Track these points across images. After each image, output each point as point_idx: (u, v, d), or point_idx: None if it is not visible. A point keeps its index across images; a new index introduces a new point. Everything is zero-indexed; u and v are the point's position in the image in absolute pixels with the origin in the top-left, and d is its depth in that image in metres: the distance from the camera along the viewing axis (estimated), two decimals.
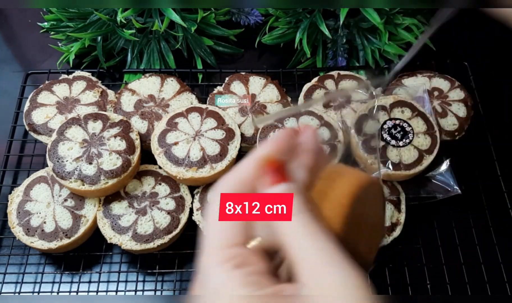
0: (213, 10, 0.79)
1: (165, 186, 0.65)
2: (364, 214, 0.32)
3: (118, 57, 0.79)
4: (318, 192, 0.31)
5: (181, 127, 0.66)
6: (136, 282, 0.62)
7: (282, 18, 0.79)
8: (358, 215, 0.31)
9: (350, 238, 0.30)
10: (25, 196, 0.64)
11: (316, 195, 0.31)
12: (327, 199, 0.30)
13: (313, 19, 0.75)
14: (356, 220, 0.30)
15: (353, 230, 0.30)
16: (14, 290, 0.61)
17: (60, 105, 0.70)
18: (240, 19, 0.82)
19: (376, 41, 0.77)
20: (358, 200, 0.30)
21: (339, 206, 0.30)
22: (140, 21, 0.76)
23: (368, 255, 0.32)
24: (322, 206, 0.30)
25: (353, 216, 0.30)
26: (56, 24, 0.80)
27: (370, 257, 0.33)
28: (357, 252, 0.30)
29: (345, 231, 0.29)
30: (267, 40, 0.80)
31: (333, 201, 0.30)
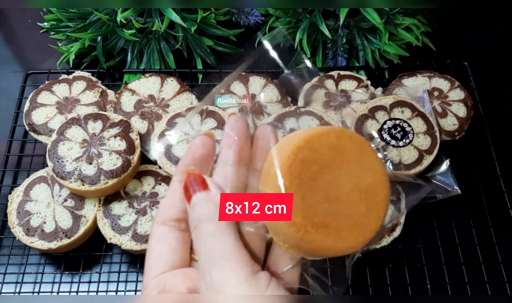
0: (213, 10, 0.79)
1: (165, 186, 0.65)
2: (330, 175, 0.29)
3: (118, 57, 0.79)
4: (263, 174, 0.30)
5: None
6: (136, 282, 0.62)
7: (282, 18, 0.79)
8: (316, 177, 0.29)
9: (314, 204, 0.28)
10: (25, 196, 0.64)
11: (262, 178, 0.30)
12: (269, 178, 0.29)
13: (313, 19, 0.75)
14: (318, 183, 0.29)
15: (316, 195, 0.29)
16: (14, 290, 0.61)
17: (60, 105, 0.70)
18: (240, 19, 0.82)
19: (376, 41, 0.77)
20: (302, 165, 0.29)
21: (276, 181, 0.28)
22: (140, 21, 0.76)
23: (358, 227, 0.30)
24: (268, 186, 0.29)
25: (301, 185, 0.28)
26: (56, 24, 0.80)
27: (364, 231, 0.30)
28: (331, 222, 0.28)
29: (301, 195, 0.28)
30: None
31: (272, 179, 0.29)
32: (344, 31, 0.77)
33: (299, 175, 0.28)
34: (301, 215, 0.28)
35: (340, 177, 0.29)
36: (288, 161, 0.28)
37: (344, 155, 0.30)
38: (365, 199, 0.30)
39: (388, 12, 0.74)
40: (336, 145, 0.30)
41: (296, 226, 0.28)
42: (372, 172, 0.30)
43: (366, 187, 0.30)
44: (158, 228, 0.31)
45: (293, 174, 0.28)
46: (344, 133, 0.30)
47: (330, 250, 0.29)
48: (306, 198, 0.28)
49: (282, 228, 0.29)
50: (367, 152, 0.31)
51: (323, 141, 0.30)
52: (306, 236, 0.28)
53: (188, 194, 0.30)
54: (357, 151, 0.30)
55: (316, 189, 0.29)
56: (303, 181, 0.28)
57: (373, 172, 0.30)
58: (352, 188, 0.30)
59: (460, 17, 0.91)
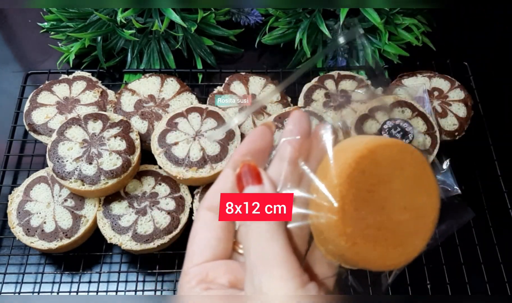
0: (213, 10, 0.79)
1: (165, 186, 0.65)
2: (381, 188, 0.29)
3: (118, 57, 0.79)
4: (318, 176, 0.29)
5: (181, 127, 0.66)
6: (136, 282, 0.62)
7: (282, 18, 0.79)
8: (368, 190, 0.28)
9: (359, 218, 0.28)
10: (25, 196, 0.64)
11: (319, 174, 0.29)
12: (324, 182, 0.29)
13: (313, 19, 0.75)
14: (367, 196, 0.28)
15: (363, 209, 0.28)
16: (14, 290, 0.61)
17: (60, 105, 0.70)
18: (240, 19, 0.82)
19: (376, 41, 0.77)
20: (362, 176, 0.28)
21: (332, 188, 0.28)
22: (140, 21, 0.76)
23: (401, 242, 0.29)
24: (322, 190, 0.29)
25: (358, 196, 0.28)
26: (56, 24, 0.80)
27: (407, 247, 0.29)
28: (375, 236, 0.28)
29: (349, 209, 0.27)
30: (267, 40, 0.80)
31: (328, 183, 0.28)
32: (344, 31, 0.77)
33: (357, 185, 0.28)
34: (353, 226, 0.27)
35: (396, 193, 0.29)
36: (348, 170, 0.28)
37: (403, 171, 0.29)
38: (415, 218, 0.29)
39: (388, 12, 0.74)
40: (397, 160, 0.29)
41: (346, 236, 0.27)
42: (426, 193, 0.30)
43: (418, 207, 0.30)
44: (205, 214, 0.30)
45: (351, 183, 0.28)
46: (407, 148, 0.30)
47: (373, 264, 0.29)
48: (360, 210, 0.28)
49: (330, 235, 0.28)
50: (426, 172, 0.30)
51: (386, 154, 0.29)
52: (353, 247, 0.28)
53: (240, 184, 0.29)
54: (416, 169, 0.30)
55: (370, 201, 0.28)
56: (359, 192, 0.28)
57: (427, 193, 0.30)
58: (405, 206, 0.29)
59: (460, 17, 0.91)
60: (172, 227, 0.61)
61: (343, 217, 0.27)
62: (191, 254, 0.30)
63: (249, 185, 0.29)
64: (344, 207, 0.27)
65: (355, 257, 0.28)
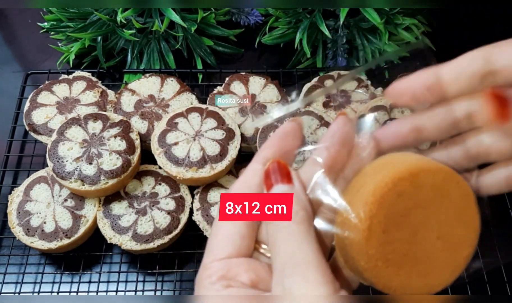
0: (213, 10, 0.79)
1: (165, 186, 0.65)
2: (419, 217, 0.27)
3: (118, 57, 0.79)
4: (351, 188, 0.28)
5: (181, 127, 0.66)
6: (136, 282, 0.62)
7: (282, 18, 0.79)
8: (403, 217, 0.26)
9: (390, 245, 0.26)
10: (25, 196, 0.64)
11: (348, 191, 0.28)
12: (356, 196, 0.27)
13: (313, 19, 0.75)
14: (401, 224, 0.26)
15: (395, 237, 0.26)
16: (14, 290, 0.61)
17: (60, 105, 0.70)
18: (240, 19, 0.82)
19: (376, 41, 0.77)
20: (397, 198, 0.26)
21: (363, 204, 0.26)
22: (140, 21, 0.76)
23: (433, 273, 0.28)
24: (352, 204, 0.27)
25: (389, 218, 0.26)
26: (56, 24, 0.80)
27: (438, 277, 0.28)
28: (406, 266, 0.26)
29: (378, 236, 0.26)
30: (267, 40, 0.80)
31: (359, 198, 0.27)
32: (344, 31, 0.77)
33: (390, 207, 0.26)
34: (376, 248, 0.26)
35: (431, 221, 0.27)
36: (384, 189, 0.26)
37: (444, 200, 0.27)
38: (447, 251, 0.28)
39: (388, 12, 0.74)
40: (440, 187, 0.27)
41: (368, 256, 0.26)
42: (465, 226, 0.28)
43: (453, 240, 0.28)
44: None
45: (383, 204, 0.26)
46: (453, 177, 0.28)
47: (392, 290, 0.27)
48: (388, 232, 0.26)
49: (352, 252, 0.27)
50: (469, 204, 0.28)
51: (428, 180, 0.27)
52: (374, 270, 0.26)
53: (269, 181, 0.28)
54: (459, 200, 0.28)
55: (402, 226, 0.26)
56: (391, 214, 0.26)
57: (466, 226, 0.28)
58: (439, 237, 0.27)
59: (460, 17, 0.91)
60: (172, 227, 0.61)
61: (368, 237, 0.26)
62: (212, 247, 0.29)
63: (278, 183, 0.28)
64: (371, 227, 0.26)
65: (374, 280, 0.27)
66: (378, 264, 0.26)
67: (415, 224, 0.27)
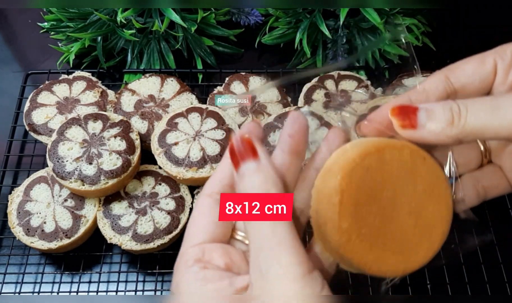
0: (213, 10, 0.79)
1: (165, 186, 0.65)
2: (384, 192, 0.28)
3: (118, 57, 0.79)
4: (323, 170, 0.29)
5: (181, 127, 0.66)
6: (136, 282, 0.62)
7: (282, 18, 0.79)
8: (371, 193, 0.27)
9: (361, 222, 0.27)
10: (25, 196, 0.64)
11: (321, 173, 0.29)
12: (328, 175, 0.28)
13: (313, 19, 0.75)
14: (369, 200, 0.27)
15: (365, 213, 0.27)
16: (14, 290, 0.61)
17: (60, 105, 0.70)
18: (240, 19, 0.82)
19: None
20: (365, 172, 0.27)
21: (333, 180, 0.27)
22: (140, 21, 0.76)
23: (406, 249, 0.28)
24: (324, 182, 0.28)
25: (359, 192, 0.27)
26: (56, 24, 0.80)
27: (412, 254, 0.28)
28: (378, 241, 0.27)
29: (348, 213, 0.27)
30: (267, 40, 0.80)
31: (330, 176, 0.28)
32: (344, 31, 0.77)
33: (359, 181, 0.27)
34: (349, 222, 0.27)
35: (402, 197, 0.28)
36: (352, 164, 0.27)
37: (413, 175, 0.28)
38: (420, 228, 0.28)
39: (388, 12, 0.74)
40: (407, 163, 0.28)
41: (341, 230, 0.27)
42: (436, 202, 0.29)
43: (426, 216, 0.28)
44: (204, 200, 0.30)
45: (353, 178, 0.27)
46: (419, 153, 0.29)
47: (367, 267, 0.27)
48: (359, 206, 0.27)
49: (326, 229, 0.27)
50: (438, 180, 0.29)
51: (395, 155, 0.28)
52: (348, 244, 0.27)
53: (235, 159, 0.28)
54: (427, 175, 0.28)
55: (373, 200, 0.27)
56: (361, 189, 0.27)
57: (438, 203, 0.29)
58: (411, 212, 0.28)
59: (460, 17, 0.91)
60: (172, 227, 0.61)
61: (340, 211, 0.27)
62: (188, 237, 0.30)
63: (244, 160, 0.27)
64: (343, 201, 0.27)
65: (349, 255, 0.27)
66: (351, 238, 0.27)
67: (385, 199, 0.27)
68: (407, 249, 0.28)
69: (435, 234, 0.29)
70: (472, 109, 0.29)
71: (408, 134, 0.30)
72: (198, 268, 0.28)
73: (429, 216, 0.28)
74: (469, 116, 0.29)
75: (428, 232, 0.29)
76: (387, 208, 0.28)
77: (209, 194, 0.31)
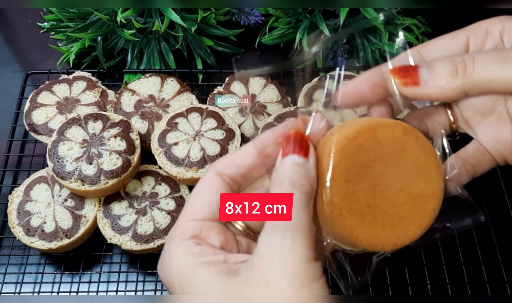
0: (213, 10, 0.79)
1: (165, 186, 0.65)
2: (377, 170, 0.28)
3: (118, 57, 0.79)
4: (318, 149, 0.30)
5: (181, 127, 0.66)
6: (136, 282, 0.62)
7: (282, 18, 0.79)
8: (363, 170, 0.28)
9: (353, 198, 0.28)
10: (25, 196, 0.64)
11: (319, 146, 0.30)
12: (322, 153, 0.29)
13: (313, 19, 0.75)
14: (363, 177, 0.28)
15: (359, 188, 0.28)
16: (14, 290, 0.61)
17: (60, 105, 0.70)
18: (240, 19, 0.82)
19: (376, 41, 0.77)
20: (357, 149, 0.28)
21: (326, 157, 0.28)
22: (140, 21, 0.76)
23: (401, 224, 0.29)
24: (319, 160, 0.29)
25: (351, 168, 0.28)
26: (56, 24, 0.80)
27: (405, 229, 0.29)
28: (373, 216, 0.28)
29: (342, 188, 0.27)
30: (267, 40, 0.80)
31: (324, 153, 0.29)
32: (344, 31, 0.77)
33: (351, 158, 0.28)
34: (340, 197, 0.27)
35: (393, 174, 0.29)
36: (344, 141, 0.28)
37: (404, 153, 0.29)
38: (411, 204, 0.29)
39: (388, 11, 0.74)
40: (399, 141, 0.29)
41: (333, 205, 0.27)
42: (427, 180, 0.29)
43: (416, 193, 0.29)
44: (214, 178, 0.30)
45: (345, 154, 0.28)
46: (412, 132, 0.29)
47: (359, 240, 0.28)
48: (351, 183, 0.28)
49: (318, 202, 0.28)
50: (429, 159, 0.29)
51: (387, 133, 0.29)
52: (339, 219, 0.28)
53: (287, 148, 0.29)
54: (419, 154, 0.29)
55: (364, 177, 0.28)
56: (353, 165, 0.28)
57: (429, 180, 0.29)
58: (402, 189, 0.29)
59: (460, 17, 0.91)
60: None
61: (331, 186, 0.27)
62: (189, 208, 0.30)
63: (295, 153, 0.29)
64: (335, 176, 0.27)
65: (340, 230, 0.28)
66: (343, 213, 0.28)
67: (377, 176, 0.28)
68: (397, 224, 0.29)
69: (425, 210, 0.29)
70: (480, 60, 0.29)
71: (411, 91, 0.30)
72: (193, 243, 0.28)
73: (420, 193, 0.29)
74: (477, 66, 0.29)
75: (419, 208, 0.29)
76: (378, 185, 0.28)
77: (220, 173, 0.30)
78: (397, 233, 0.29)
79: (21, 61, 0.85)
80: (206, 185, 0.30)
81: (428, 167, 0.29)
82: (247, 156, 0.30)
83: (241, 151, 0.31)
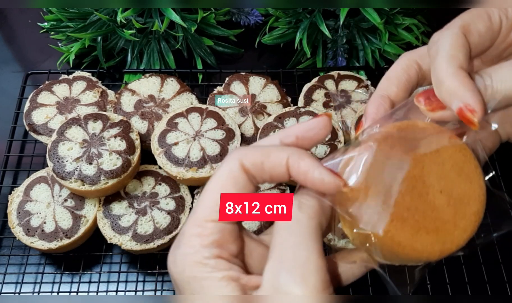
0: (213, 10, 0.79)
1: (165, 186, 0.65)
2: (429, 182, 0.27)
3: (118, 57, 0.79)
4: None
5: (181, 127, 0.66)
6: (136, 282, 0.62)
7: (282, 18, 0.79)
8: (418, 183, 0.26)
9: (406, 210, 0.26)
10: (25, 196, 0.64)
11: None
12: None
13: (313, 19, 0.75)
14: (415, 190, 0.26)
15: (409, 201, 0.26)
16: (14, 290, 0.61)
17: (60, 105, 0.70)
18: (240, 19, 0.82)
19: (376, 41, 0.77)
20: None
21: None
22: (140, 21, 0.76)
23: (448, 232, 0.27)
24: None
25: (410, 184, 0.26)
26: (56, 24, 0.80)
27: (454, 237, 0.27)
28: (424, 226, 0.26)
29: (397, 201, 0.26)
30: (267, 40, 0.80)
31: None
32: (344, 31, 0.77)
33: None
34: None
35: (430, 175, 0.27)
36: (375, 145, 0.26)
37: (439, 153, 0.27)
38: (453, 206, 0.27)
39: (388, 12, 0.74)
40: (432, 141, 0.28)
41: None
42: (467, 180, 0.27)
43: (458, 195, 0.27)
44: (240, 172, 0.27)
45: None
46: (444, 132, 0.28)
47: (402, 247, 0.26)
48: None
49: (354, 211, 0.26)
50: (466, 158, 0.28)
51: (419, 134, 0.28)
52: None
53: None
54: (454, 153, 0.28)
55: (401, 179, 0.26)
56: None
57: (469, 181, 0.28)
58: (442, 191, 0.27)
59: None
60: (172, 227, 0.61)
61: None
62: (211, 204, 0.27)
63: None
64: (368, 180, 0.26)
65: (381, 237, 0.26)
66: None
67: (414, 177, 0.26)
68: (442, 229, 0.27)
69: (469, 213, 0.27)
70: (496, 76, 0.29)
71: (439, 115, 0.30)
72: (210, 254, 0.27)
73: (462, 194, 0.27)
74: (495, 83, 0.28)
75: (462, 211, 0.27)
76: (416, 187, 0.26)
77: (246, 170, 0.27)
78: (441, 238, 0.27)
79: (21, 61, 0.85)
80: (231, 180, 0.27)
81: (466, 166, 0.28)
82: (277, 165, 0.27)
83: (273, 157, 0.27)
